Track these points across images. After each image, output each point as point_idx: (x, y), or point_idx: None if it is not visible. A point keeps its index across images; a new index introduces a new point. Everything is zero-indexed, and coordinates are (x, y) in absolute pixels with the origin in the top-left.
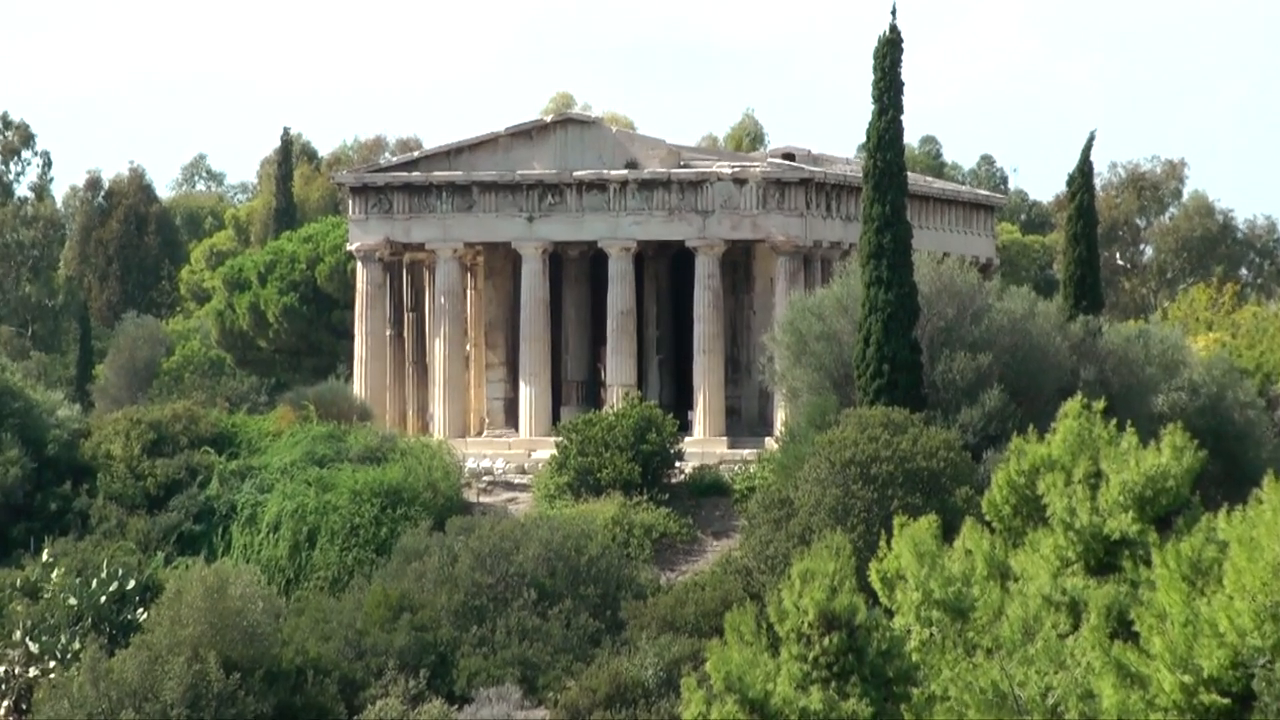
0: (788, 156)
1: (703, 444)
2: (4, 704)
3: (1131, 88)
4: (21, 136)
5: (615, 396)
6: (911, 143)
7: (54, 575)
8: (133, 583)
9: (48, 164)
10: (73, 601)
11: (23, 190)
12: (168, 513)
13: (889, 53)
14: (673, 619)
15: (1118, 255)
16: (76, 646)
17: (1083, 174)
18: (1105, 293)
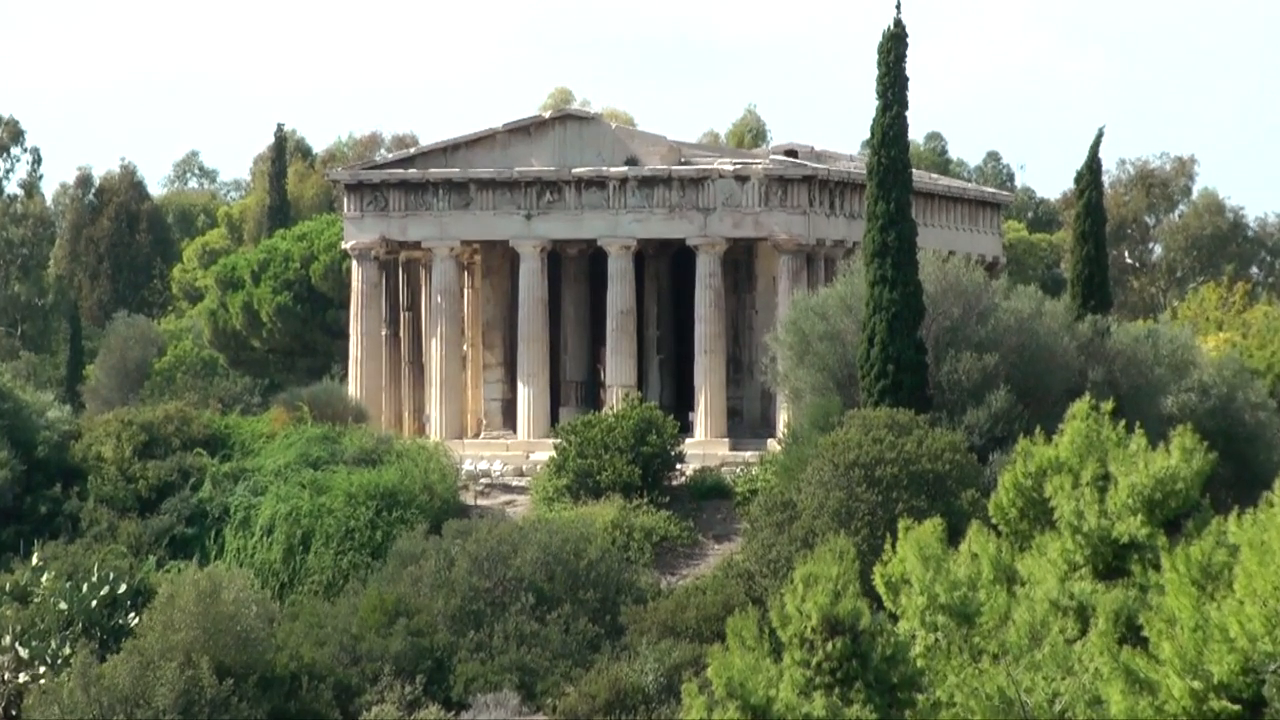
0: (790, 153)
1: (704, 446)
2: None
3: (1140, 83)
4: (11, 133)
5: (615, 397)
6: (916, 139)
7: (44, 579)
8: (124, 587)
9: (37, 161)
10: (63, 606)
11: (12, 187)
12: (160, 516)
13: (893, 47)
14: (673, 624)
15: (1126, 254)
16: (67, 652)
17: (1091, 171)
18: (1114, 292)
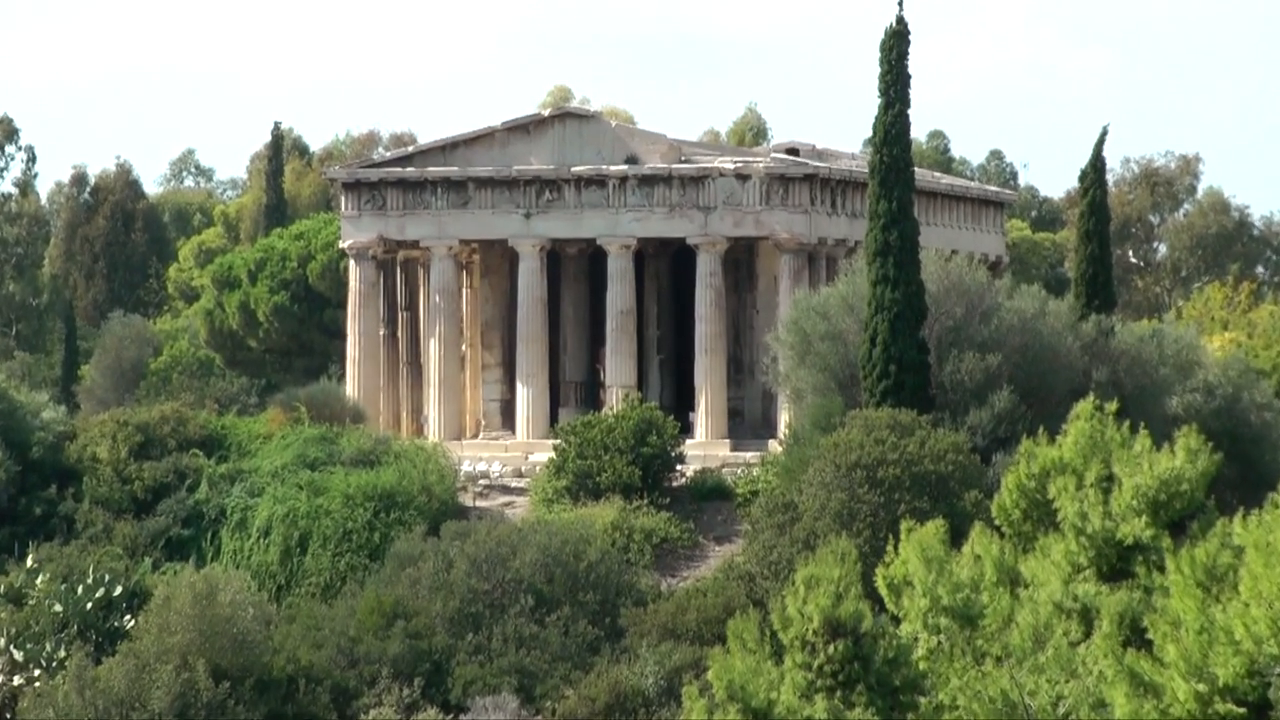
0: (792, 151)
1: (704, 447)
2: None
3: (1145, 81)
4: (5, 131)
5: (615, 398)
6: (919, 137)
7: (39, 581)
8: (119, 589)
9: (32, 159)
10: (58, 608)
11: (6, 186)
12: (155, 517)
13: (896, 45)
14: (674, 626)
15: (1131, 253)
16: (62, 654)
17: (1095, 169)
18: (1118, 291)
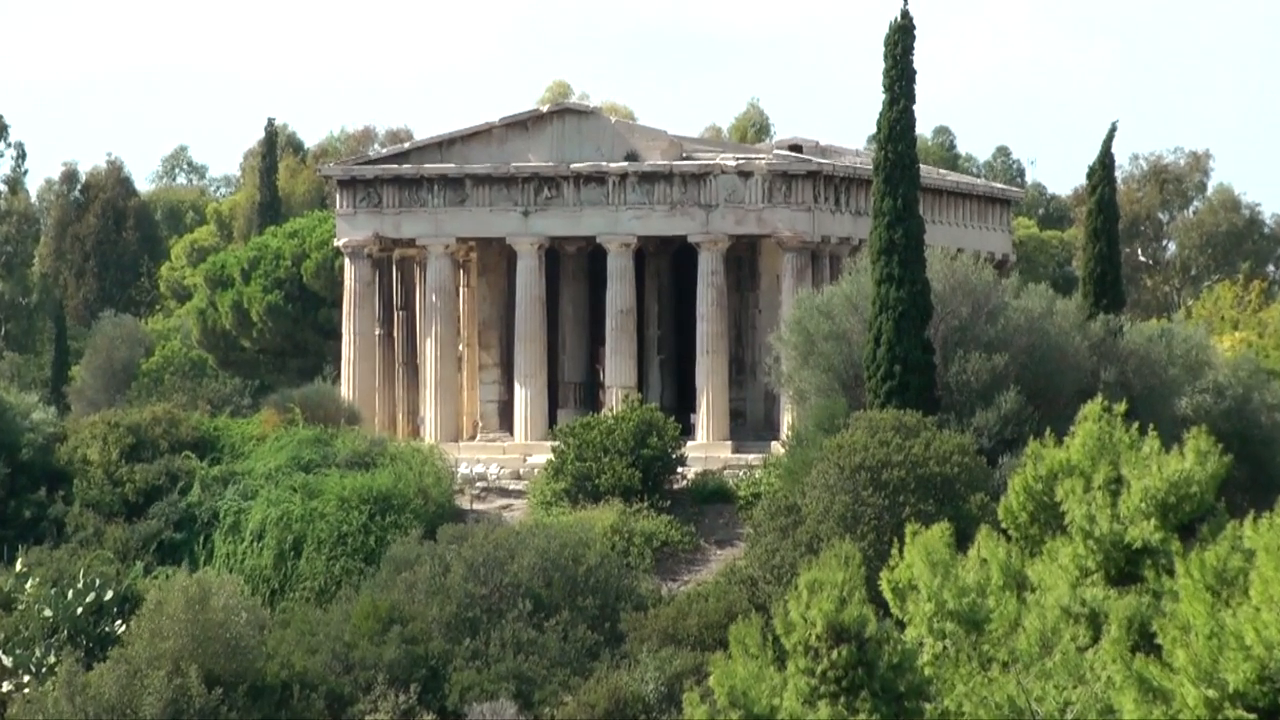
0: (795, 148)
1: (706, 448)
2: None
3: (1154, 76)
4: None
5: (614, 399)
6: (924, 134)
7: (28, 586)
8: (111, 593)
9: (21, 156)
10: (48, 613)
11: None
12: (147, 520)
13: (900, 39)
14: (674, 631)
15: (1139, 251)
16: (52, 660)
17: (1103, 166)
18: (1126, 290)
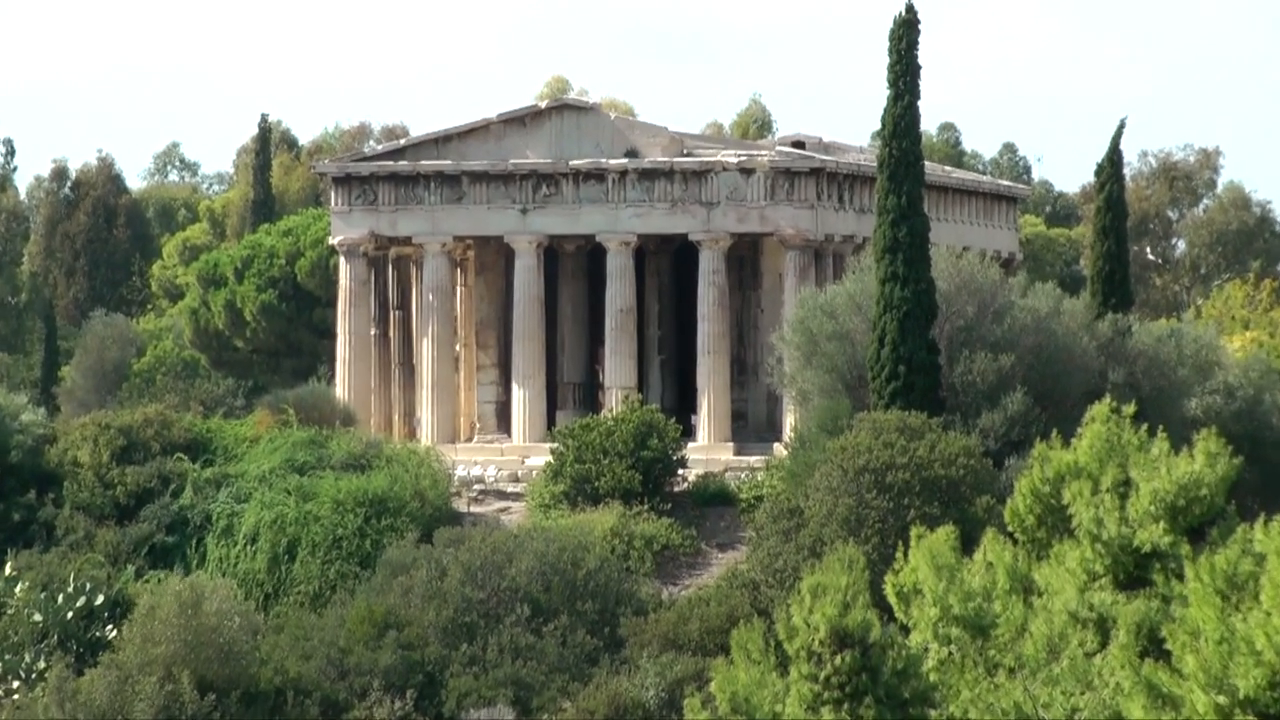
0: (797, 145)
1: (707, 450)
2: None
3: (1163, 72)
4: None
5: (614, 399)
6: (929, 130)
7: (18, 590)
8: (101, 598)
9: (11, 152)
10: (38, 618)
11: None
12: (138, 523)
13: (905, 34)
14: (675, 636)
15: (1148, 250)
16: (42, 665)
17: (1111, 163)
18: (1135, 290)
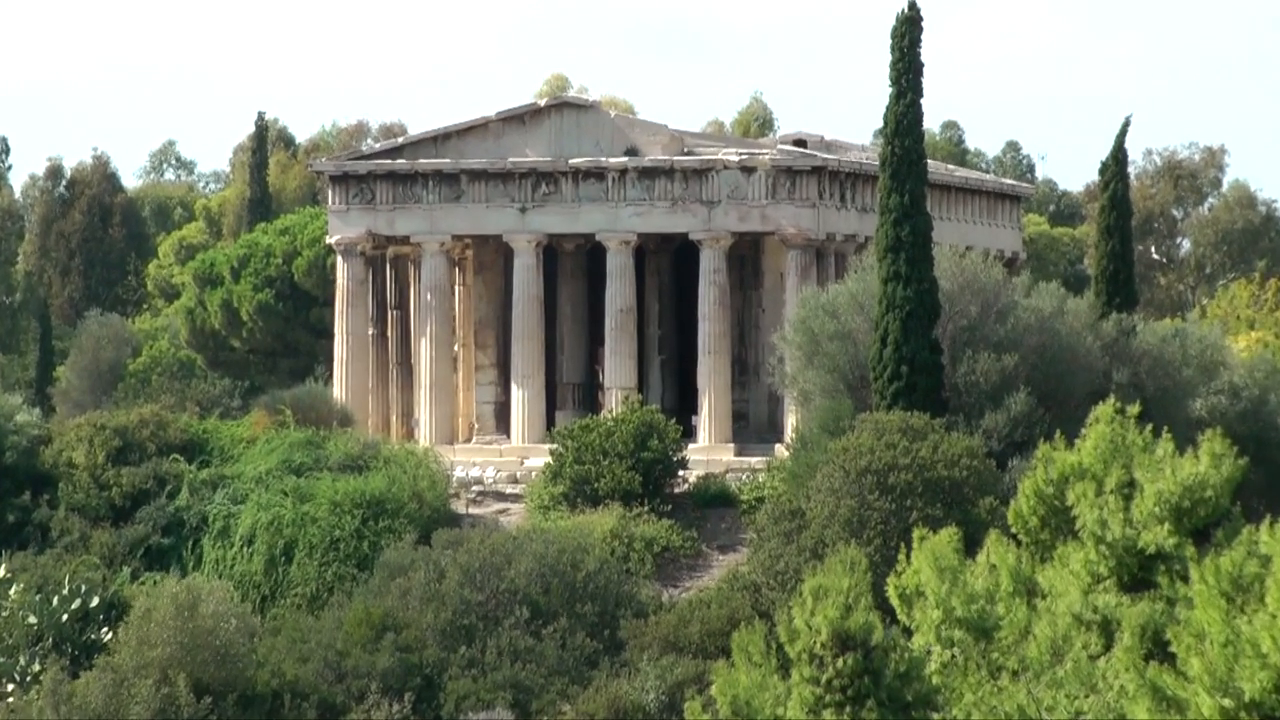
0: (799, 143)
1: (708, 451)
2: None
3: (1168, 70)
4: None
5: (614, 400)
6: (932, 128)
7: (12, 592)
8: (96, 600)
9: (5, 151)
10: (32, 620)
11: None
12: (134, 525)
13: (908, 31)
14: (675, 639)
15: (1153, 249)
16: (37, 668)
17: (1116, 162)
18: (1140, 289)
